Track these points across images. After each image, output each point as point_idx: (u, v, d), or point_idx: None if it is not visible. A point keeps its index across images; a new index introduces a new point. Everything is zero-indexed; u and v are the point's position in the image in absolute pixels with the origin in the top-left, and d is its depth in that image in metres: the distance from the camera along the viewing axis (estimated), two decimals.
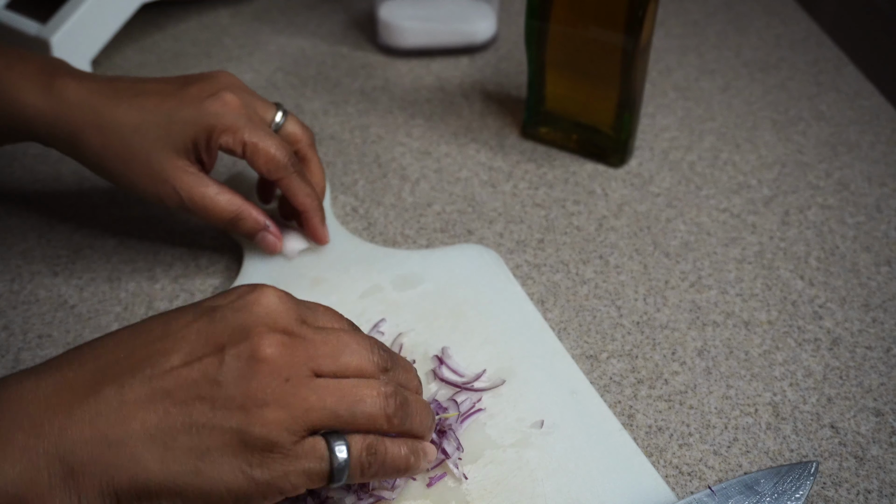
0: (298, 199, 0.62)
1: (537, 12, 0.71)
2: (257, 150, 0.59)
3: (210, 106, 0.59)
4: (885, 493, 0.52)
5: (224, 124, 0.58)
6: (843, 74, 0.89)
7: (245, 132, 0.59)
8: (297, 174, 0.61)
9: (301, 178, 0.61)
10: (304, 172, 0.62)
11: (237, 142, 0.59)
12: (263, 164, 0.60)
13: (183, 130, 0.58)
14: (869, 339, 0.61)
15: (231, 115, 0.59)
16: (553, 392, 0.56)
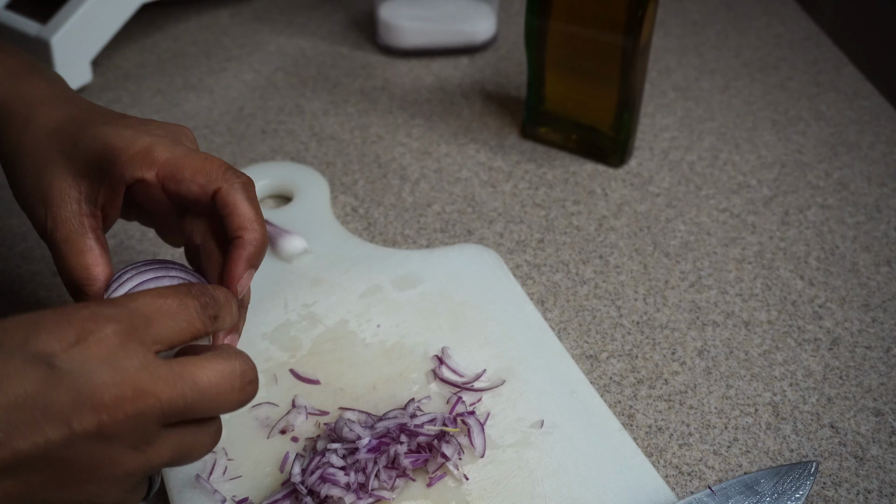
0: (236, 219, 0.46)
1: (537, 12, 0.71)
2: (179, 166, 0.46)
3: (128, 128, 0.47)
4: (884, 493, 0.52)
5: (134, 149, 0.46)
6: (843, 74, 0.89)
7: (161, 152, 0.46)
8: (242, 187, 0.47)
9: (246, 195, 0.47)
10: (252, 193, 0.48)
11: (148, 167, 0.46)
12: (191, 178, 0.46)
13: (88, 147, 0.47)
14: (869, 338, 0.61)
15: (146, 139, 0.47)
16: (553, 392, 0.56)
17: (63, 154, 0.47)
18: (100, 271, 0.47)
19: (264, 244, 0.47)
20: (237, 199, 0.47)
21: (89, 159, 0.46)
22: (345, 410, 0.54)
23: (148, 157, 0.46)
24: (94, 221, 0.47)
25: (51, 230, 0.47)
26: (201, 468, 0.51)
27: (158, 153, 0.46)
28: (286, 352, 0.58)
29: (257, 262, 0.48)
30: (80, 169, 0.47)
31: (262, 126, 0.80)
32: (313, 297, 0.62)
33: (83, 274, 0.47)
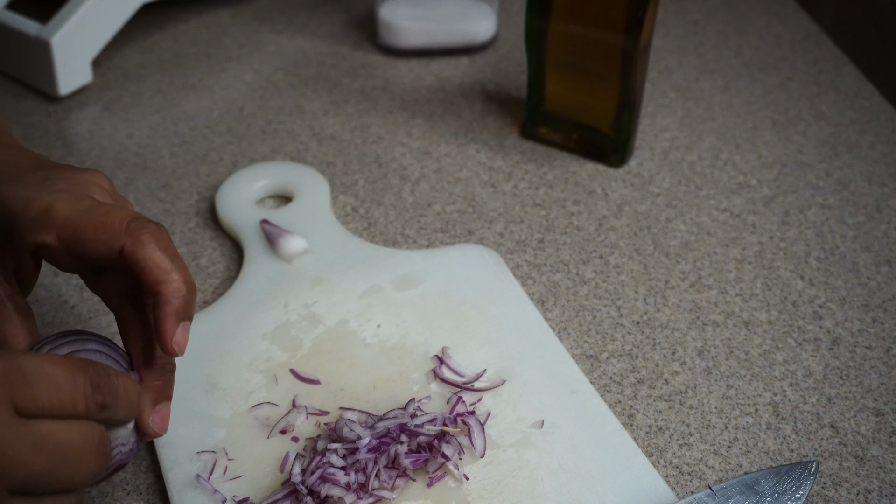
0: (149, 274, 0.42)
1: (537, 12, 0.71)
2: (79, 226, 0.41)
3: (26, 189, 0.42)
4: (885, 493, 0.52)
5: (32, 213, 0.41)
6: (843, 74, 0.89)
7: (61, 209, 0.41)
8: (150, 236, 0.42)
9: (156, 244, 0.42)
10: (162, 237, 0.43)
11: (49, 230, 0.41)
12: (93, 240, 0.41)
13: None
14: (869, 338, 0.61)
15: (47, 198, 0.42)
16: (553, 392, 0.56)
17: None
18: (20, 341, 0.43)
19: (190, 292, 0.43)
20: (146, 252, 0.42)
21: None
22: (345, 410, 0.54)
23: (46, 219, 0.41)
24: (8, 288, 0.44)
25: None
26: (202, 468, 0.51)
27: (57, 213, 0.41)
28: (286, 352, 0.58)
29: (189, 313, 0.43)
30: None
31: (263, 126, 0.80)
32: (314, 297, 0.62)
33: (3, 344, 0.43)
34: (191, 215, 0.71)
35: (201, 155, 0.77)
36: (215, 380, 0.56)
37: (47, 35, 0.79)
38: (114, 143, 0.78)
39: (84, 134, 0.79)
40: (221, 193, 0.70)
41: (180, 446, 0.52)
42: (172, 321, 0.42)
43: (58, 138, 0.78)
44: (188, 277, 0.43)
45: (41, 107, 0.82)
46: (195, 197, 0.73)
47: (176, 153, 0.77)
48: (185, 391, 0.55)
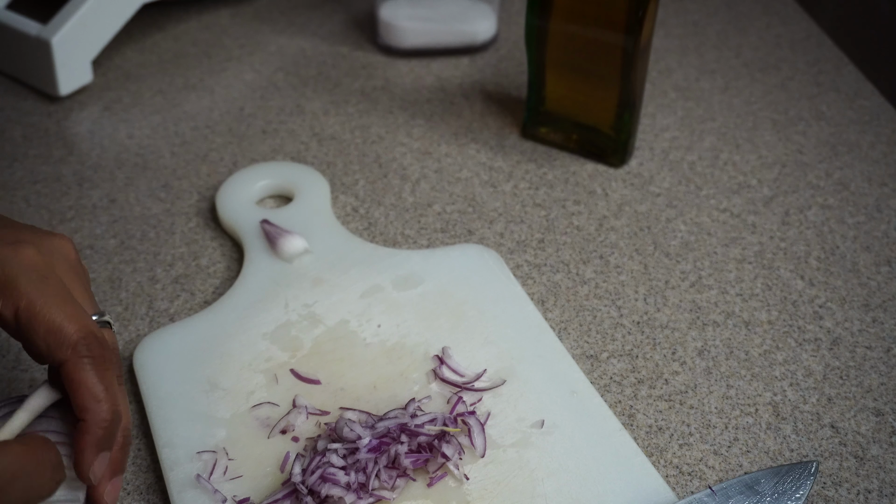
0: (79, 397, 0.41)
1: (537, 12, 0.71)
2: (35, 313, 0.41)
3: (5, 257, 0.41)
4: (885, 493, 0.52)
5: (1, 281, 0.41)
6: (843, 74, 0.89)
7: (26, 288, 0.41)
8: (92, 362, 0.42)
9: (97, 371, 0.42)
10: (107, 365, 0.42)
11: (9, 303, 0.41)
12: (42, 336, 0.41)
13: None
14: (869, 338, 0.61)
15: (14, 266, 0.41)
16: (553, 392, 0.56)
17: None
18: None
19: (114, 423, 0.42)
20: (82, 376, 0.41)
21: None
22: (345, 410, 0.54)
23: (8, 291, 0.41)
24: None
25: None
26: (202, 468, 0.51)
27: (21, 289, 0.41)
28: (287, 352, 0.58)
29: (109, 444, 0.43)
30: None
31: (263, 126, 0.81)
32: (314, 296, 0.62)
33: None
34: (191, 215, 0.71)
35: (202, 155, 0.77)
36: (215, 380, 0.56)
37: (48, 35, 0.79)
38: (114, 143, 0.78)
39: (84, 134, 0.79)
40: (222, 193, 0.70)
41: (181, 446, 0.52)
42: (92, 450, 0.42)
43: (58, 138, 0.79)
44: (116, 407, 0.42)
45: (41, 107, 0.82)
46: (195, 197, 0.73)
47: (176, 153, 0.77)
48: (186, 391, 0.55)
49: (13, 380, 0.58)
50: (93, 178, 0.74)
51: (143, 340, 0.59)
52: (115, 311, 0.63)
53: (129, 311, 0.63)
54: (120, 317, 0.62)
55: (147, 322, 0.62)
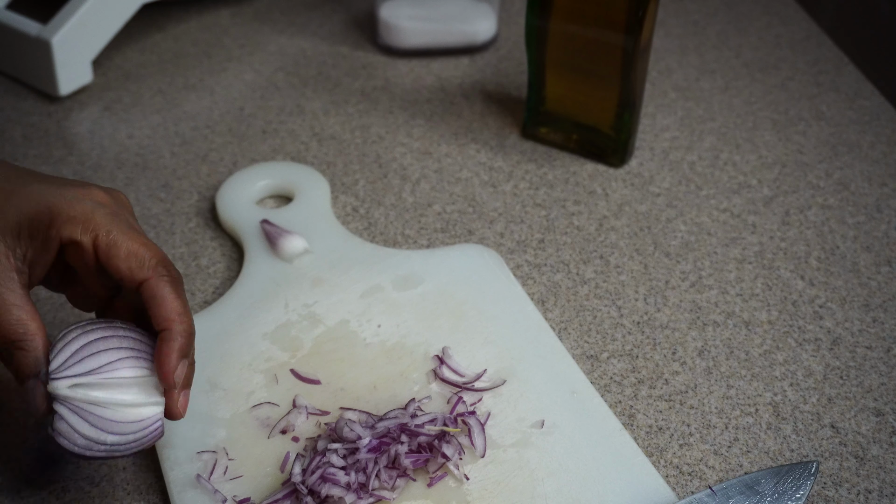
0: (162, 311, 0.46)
1: (538, 12, 0.71)
2: (116, 241, 0.46)
3: (69, 189, 0.47)
4: (885, 493, 0.52)
5: (75, 211, 0.46)
6: (843, 74, 0.89)
7: (103, 221, 0.46)
8: (169, 279, 0.47)
9: (175, 288, 0.47)
10: (180, 284, 0.48)
11: (87, 232, 0.46)
12: (123, 260, 0.46)
13: (22, 205, 0.46)
14: (869, 338, 0.61)
15: (89, 203, 0.46)
16: (553, 392, 0.56)
17: None
18: (35, 327, 0.45)
19: (193, 335, 0.47)
20: (164, 292, 0.46)
21: (22, 216, 0.45)
22: (345, 410, 0.54)
23: (88, 221, 0.46)
24: (22, 279, 0.46)
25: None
26: (202, 468, 0.51)
27: (98, 220, 0.46)
28: (287, 352, 0.58)
29: (189, 353, 0.48)
30: (10, 225, 0.45)
31: (263, 126, 0.81)
32: (314, 297, 0.62)
33: (18, 329, 0.45)
34: (191, 215, 0.71)
35: (202, 155, 0.77)
36: (216, 380, 0.56)
37: (48, 35, 0.79)
38: (114, 143, 0.78)
39: (84, 134, 0.79)
40: (222, 193, 0.70)
41: (181, 446, 0.52)
42: (176, 356, 0.46)
43: (58, 138, 0.79)
44: (192, 323, 0.48)
45: (41, 107, 0.82)
46: (195, 197, 0.73)
47: (176, 153, 0.77)
48: None
49: (13, 380, 0.58)
50: (93, 178, 0.74)
51: None
52: None
53: None
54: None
55: None
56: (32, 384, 0.45)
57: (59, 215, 0.46)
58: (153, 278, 0.46)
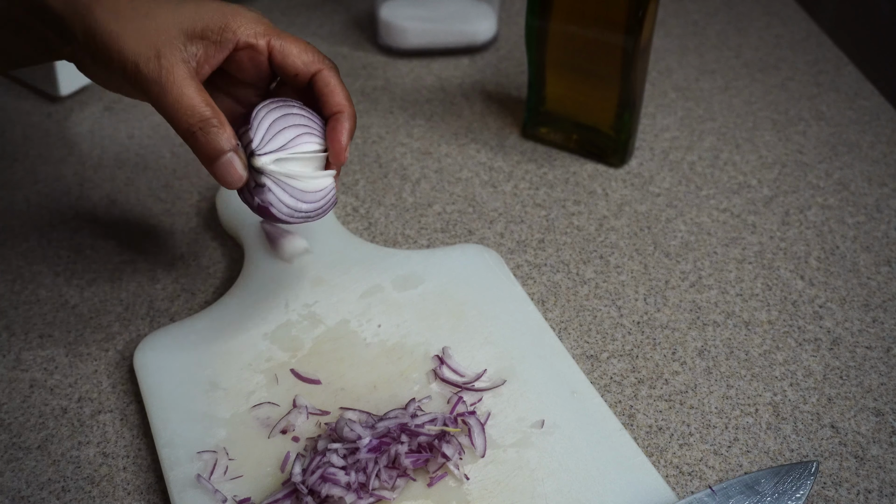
0: (336, 97, 0.54)
1: (538, 13, 0.71)
2: (289, 41, 0.53)
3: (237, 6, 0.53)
4: (885, 493, 0.52)
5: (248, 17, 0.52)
6: (843, 74, 0.89)
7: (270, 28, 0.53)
8: (336, 69, 0.55)
9: (339, 76, 0.55)
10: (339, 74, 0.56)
11: (262, 35, 0.53)
12: (298, 56, 0.53)
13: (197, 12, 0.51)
14: (869, 338, 0.62)
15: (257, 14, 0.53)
16: (553, 392, 0.56)
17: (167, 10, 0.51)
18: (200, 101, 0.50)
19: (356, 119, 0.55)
20: (336, 80, 0.54)
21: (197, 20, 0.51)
22: (345, 410, 0.54)
23: (261, 25, 0.52)
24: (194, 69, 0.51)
25: (166, 74, 0.50)
26: (202, 468, 0.51)
27: (268, 27, 0.53)
28: (287, 352, 0.58)
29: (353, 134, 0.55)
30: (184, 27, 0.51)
31: None
32: (314, 297, 0.62)
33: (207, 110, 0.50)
34: (192, 215, 0.71)
35: None
36: (216, 380, 0.56)
37: None
38: (115, 143, 0.78)
39: (85, 134, 0.79)
40: (222, 193, 0.70)
41: (181, 446, 0.52)
42: (347, 136, 0.54)
43: (58, 138, 0.79)
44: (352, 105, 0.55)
45: (42, 107, 0.82)
46: (196, 197, 0.73)
47: (177, 153, 0.77)
48: (186, 391, 0.56)
49: (13, 380, 0.58)
50: (93, 179, 0.74)
51: (143, 340, 0.59)
52: (116, 311, 0.63)
53: (130, 311, 0.63)
54: (120, 317, 0.62)
55: (147, 322, 0.62)
56: (230, 157, 0.51)
57: (234, 20, 0.52)
58: (325, 69, 0.54)
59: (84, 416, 0.56)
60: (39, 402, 0.57)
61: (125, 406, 0.57)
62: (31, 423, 0.56)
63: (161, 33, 0.50)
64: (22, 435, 0.55)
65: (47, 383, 0.58)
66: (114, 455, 0.54)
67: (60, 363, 0.59)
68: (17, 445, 0.54)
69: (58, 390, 0.58)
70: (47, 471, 0.53)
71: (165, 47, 0.50)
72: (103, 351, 0.60)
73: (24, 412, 0.56)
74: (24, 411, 0.56)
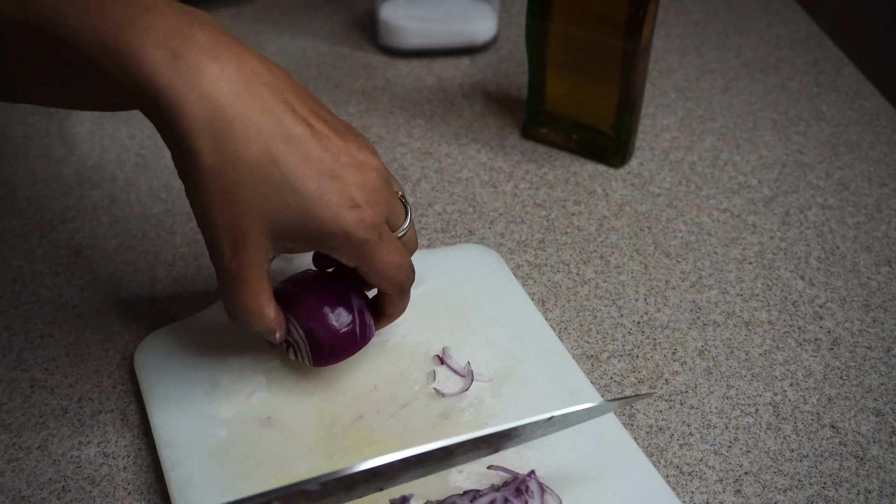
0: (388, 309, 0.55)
1: (538, 13, 0.71)
2: (376, 270, 0.50)
3: (346, 218, 0.47)
4: (885, 493, 0.52)
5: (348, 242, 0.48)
6: (843, 74, 0.89)
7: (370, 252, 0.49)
8: (402, 294, 0.54)
9: (402, 297, 0.54)
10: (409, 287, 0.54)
11: (353, 260, 0.49)
12: (377, 282, 0.51)
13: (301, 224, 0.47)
14: (869, 339, 0.62)
15: (362, 234, 0.48)
16: (554, 392, 0.56)
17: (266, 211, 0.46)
18: (271, 310, 0.49)
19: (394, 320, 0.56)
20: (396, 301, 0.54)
21: (296, 229, 0.47)
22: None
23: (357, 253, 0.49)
24: (269, 265, 0.49)
25: (235, 272, 0.47)
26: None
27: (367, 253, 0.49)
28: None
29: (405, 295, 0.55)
30: (279, 231, 0.47)
31: None
32: None
33: (257, 312, 0.49)
34: (192, 215, 0.71)
35: None
36: (216, 380, 0.56)
37: None
38: (115, 143, 0.78)
39: (85, 134, 0.79)
40: None
41: (181, 446, 0.52)
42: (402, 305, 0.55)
43: (59, 139, 0.79)
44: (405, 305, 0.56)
45: (42, 107, 0.82)
46: None
47: None
48: (186, 391, 0.55)
49: (13, 380, 0.58)
50: (93, 179, 0.74)
51: (143, 340, 0.59)
52: (116, 311, 0.63)
53: (130, 311, 0.63)
54: (120, 317, 0.62)
55: (148, 322, 0.62)
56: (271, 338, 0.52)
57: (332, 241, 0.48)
58: (395, 294, 0.53)
59: (84, 416, 0.56)
60: (40, 402, 0.57)
61: (125, 406, 0.57)
62: (32, 422, 0.56)
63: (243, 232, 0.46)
64: (22, 435, 0.55)
65: (48, 383, 0.58)
66: (114, 455, 0.54)
67: (61, 363, 0.59)
68: (18, 445, 0.54)
69: (58, 390, 0.58)
70: (48, 471, 0.53)
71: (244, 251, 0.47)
72: (104, 351, 0.60)
73: (25, 412, 0.56)
74: (24, 411, 0.56)
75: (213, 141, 0.44)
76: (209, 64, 0.44)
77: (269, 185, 0.45)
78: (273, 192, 0.45)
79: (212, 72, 0.44)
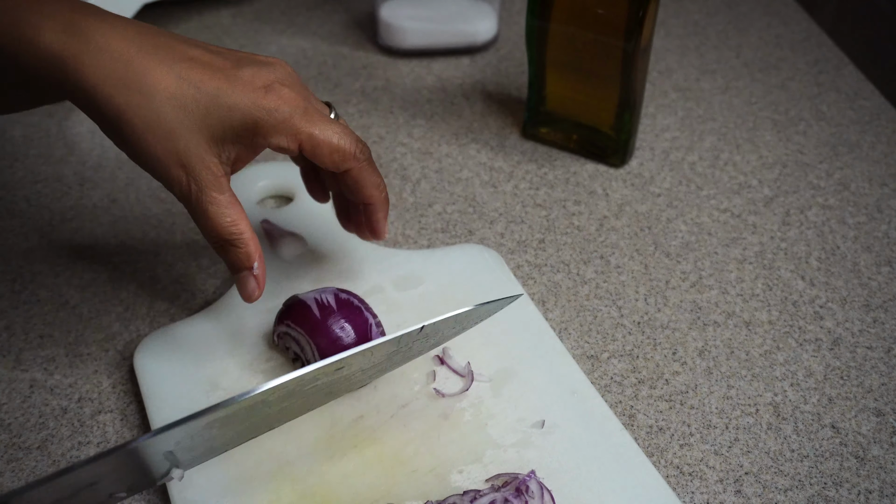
0: (366, 191, 0.55)
1: (538, 12, 0.71)
2: (318, 142, 0.52)
3: (264, 99, 0.50)
4: (885, 493, 0.52)
5: (276, 120, 0.51)
6: (843, 74, 0.89)
7: (302, 125, 0.51)
8: (367, 162, 0.54)
9: (371, 168, 0.55)
10: (372, 161, 0.55)
11: (292, 140, 0.51)
12: (328, 157, 0.52)
13: (226, 118, 0.50)
14: (870, 339, 0.62)
15: (286, 109, 0.51)
16: (554, 392, 0.56)
17: (195, 122, 0.49)
18: (245, 225, 0.52)
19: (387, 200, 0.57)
20: (366, 174, 0.54)
21: (227, 128, 0.50)
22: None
23: (290, 129, 0.51)
24: (228, 179, 0.51)
25: (195, 192, 0.50)
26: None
27: (298, 125, 0.51)
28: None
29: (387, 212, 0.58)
30: (216, 136, 0.50)
31: None
32: None
33: (232, 228, 0.51)
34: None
35: None
36: (216, 380, 0.56)
37: None
38: None
39: (85, 134, 0.79)
40: None
41: None
42: (383, 220, 0.57)
43: (59, 139, 0.79)
44: (385, 190, 0.56)
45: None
46: None
47: None
48: (186, 391, 0.55)
49: (13, 380, 0.58)
50: (94, 179, 0.74)
51: (143, 340, 0.59)
52: (116, 311, 0.63)
53: (130, 311, 0.63)
54: (120, 317, 0.62)
55: (148, 322, 0.62)
56: (245, 275, 0.52)
57: (262, 127, 0.50)
58: (355, 167, 0.54)
59: (84, 416, 0.56)
60: (39, 402, 0.57)
61: (125, 406, 0.57)
62: (31, 423, 0.56)
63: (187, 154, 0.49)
64: (22, 435, 0.55)
65: (47, 383, 0.58)
66: None
67: (60, 363, 0.59)
68: (17, 445, 0.54)
69: (58, 390, 0.58)
70: (47, 471, 0.53)
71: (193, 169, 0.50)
72: (103, 351, 0.60)
73: (24, 412, 0.56)
74: (24, 411, 0.56)
75: (121, 83, 0.48)
76: (100, 25, 0.48)
77: (185, 100, 0.49)
78: (192, 105, 0.49)
79: (104, 29, 0.48)
